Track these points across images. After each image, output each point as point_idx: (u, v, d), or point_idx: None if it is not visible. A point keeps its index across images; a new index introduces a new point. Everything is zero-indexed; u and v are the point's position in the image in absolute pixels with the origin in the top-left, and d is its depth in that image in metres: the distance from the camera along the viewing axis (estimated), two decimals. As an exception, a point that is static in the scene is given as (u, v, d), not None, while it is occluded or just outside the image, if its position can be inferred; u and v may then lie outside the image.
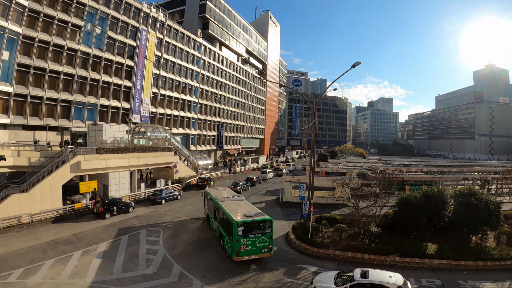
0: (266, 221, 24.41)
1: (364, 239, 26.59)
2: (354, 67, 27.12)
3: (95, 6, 52.72)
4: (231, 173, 79.53)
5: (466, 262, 23.17)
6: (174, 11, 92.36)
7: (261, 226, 24.28)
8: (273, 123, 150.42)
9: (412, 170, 65.63)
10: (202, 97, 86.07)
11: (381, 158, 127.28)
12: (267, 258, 24.62)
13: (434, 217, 26.41)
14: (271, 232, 24.27)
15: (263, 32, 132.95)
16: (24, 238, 27.95)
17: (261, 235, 23.97)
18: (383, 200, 29.21)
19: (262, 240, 23.92)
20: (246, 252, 23.47)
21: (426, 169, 67.72)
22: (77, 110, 52.27)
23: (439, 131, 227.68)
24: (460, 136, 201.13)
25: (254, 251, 23.69)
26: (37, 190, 33.02)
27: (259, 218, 24.55)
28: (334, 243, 26.62)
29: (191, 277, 21.34)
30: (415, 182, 49.44)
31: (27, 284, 19.67)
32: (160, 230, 31.42)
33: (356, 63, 26.82)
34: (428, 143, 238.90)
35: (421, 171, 64.80)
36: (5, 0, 40.88)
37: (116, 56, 58.01)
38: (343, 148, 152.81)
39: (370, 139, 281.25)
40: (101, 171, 41.17)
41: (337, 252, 25.14)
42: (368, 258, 24.09)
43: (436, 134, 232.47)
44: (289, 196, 45.66)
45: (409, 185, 48.29)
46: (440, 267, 23.10)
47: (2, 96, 42.43)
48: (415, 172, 61.85)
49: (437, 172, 63.47)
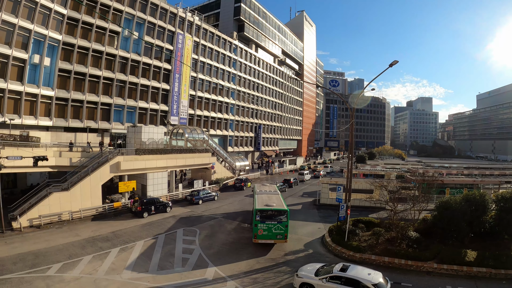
0: (282, 211, 26.85)
1: (402, 244, 25.04)
2: (392, 66, 25.82)
3: (132, 12, 54.06)
4: (268, 174, 78.71)
5: (507, 271, 21.44)
6: (209, 15, 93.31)
7: (278, 215, 26.76)
8: (310, 124, 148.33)
9: (453, 172, 63.54)
10: (239, 98, 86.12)
11: (420, 160, 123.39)
12: (301, 261, 24.04)
13: (475, 223, 24.85)
14: (286, 222, 26.55)
15: (298, 32, 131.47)
16: (64, 234, 28.61)
17: (277, 223, 26.49)
18: (422, 203, 27.81)
19: (278, 228, 26.45)
20: (262, 236, 26.41)
21: (467, 172, 65.52)
22: (116, 112, 53.72)
23: (481, 131, 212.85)
24: (503, 137, 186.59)
25: (270, 236, 26.45)
26: (77, 189, 33.84)
27: (276, 208, 27.16)
28: (371, 247, 25.42)
29: (226, 277, 21.09)
30: (455, 185, 47.51)
31: (65, 278, 20.01)
32: (197, 230, 31.21)
33: (394, 62, 25.59)
34: (469, 144, 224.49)
35: (462, 174, 62.63)
36: (45, 9, 42.80)
37: (153, 60, 59.11)
38: (381, 149, 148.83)
39: (409, 140, 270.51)
40: (140, 171, 41.66)
41: (373, 257, 24.10)
42: (405, 263, 22.99)
43: (477, 135, 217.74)
44: (326, 198, 44.67)
45: (449, 188, 46.47)
46: (478, 275, 21.57)
47: (45, 100, 44.25)
48: (455, 175, 59.72)
49: (479, 175, 61.06)
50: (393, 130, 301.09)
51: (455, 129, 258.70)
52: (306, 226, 33.90)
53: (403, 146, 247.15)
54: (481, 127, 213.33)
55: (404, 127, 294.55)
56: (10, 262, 21.92)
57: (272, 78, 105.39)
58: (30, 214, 30.51)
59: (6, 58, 39.27)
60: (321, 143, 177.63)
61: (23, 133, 37.47)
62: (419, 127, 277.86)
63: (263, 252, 25.75)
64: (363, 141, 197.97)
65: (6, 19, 38.38)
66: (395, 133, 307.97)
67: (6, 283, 19.01)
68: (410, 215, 27.28)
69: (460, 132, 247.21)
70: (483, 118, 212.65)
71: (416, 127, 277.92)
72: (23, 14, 40.34)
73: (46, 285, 18.96)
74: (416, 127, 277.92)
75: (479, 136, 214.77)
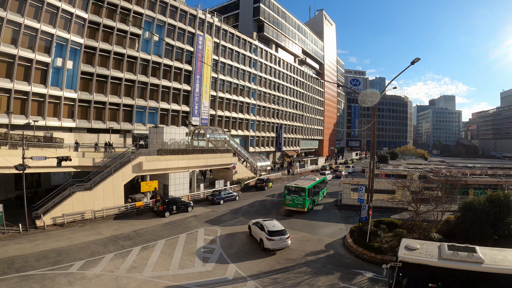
0: (301, 188, 37.92)
1: None
2: (413, 63, 24.48)
3: (152, 15, 54.59)
4: (290, 174, 77.78)
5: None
6: (229, 16, 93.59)
7: (299, 191, 37.92)
8: (331, 124, 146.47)
9: (476, 173, 61.43)
10: (260, 99, 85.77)
11: (443, 160, 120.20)
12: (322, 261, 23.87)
13: (498, 224, 23.67)
14: (305, 196, 37.48)
15: (318, 31, 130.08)
16: (86, 233, 28.84)
17: (298, 196, 37.89)
18: (445, 204, 27.11)
19: (298, 200, 37.79)
20: (288, 204, 38.33)
21: (491, 172, 62.77)
22: (138, 113, 54.29)
23: (505, 130, 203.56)
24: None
25: (293, 205, 38.11)
26: (100, 188, 34.14)
27: (297, 185, 38.64)
28: (392, 248, 24.37)
29: (246, 276, 20.80)
30: (479, 186, 46.51)
31: (86, 275, 20.08)
32: (218, 230, 30.97)
33: (415, 59, 24.22)
34: (494, 143, 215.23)
35: (486, 174, 60.08)
36: (67, 14, 43.71)
37: (174, 62, 59.48)
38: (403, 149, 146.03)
39: (432, 139, 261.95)
40: (162, 171, 41.71)
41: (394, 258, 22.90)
42: (426, 266, 21.84)
43: (501, 134, 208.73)
44: (347, 199, 43.83)
45: (472, 189, 45.23)
46: None
47: (68, 102, 45.14)
48: (479, 175, 57.57)
49: (503, 175, 58.52)
50: (415, 129, 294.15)
51: (478, 128, 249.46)
52: (327, 226, 33.19)
53: (425, 146, 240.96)
54: (505, 126, 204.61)
55: (426, 126, 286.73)
56: (33, 259, 22.16)
57: (293, 77, 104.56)
58: (54, 213, 31.00)
59: (30, 62, 40.29)
60: (343, 143, 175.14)
61: (47, 134, 38.18)
62: (442, 126, 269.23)
63: (283, 253, 25.24)
64: (385, 140, 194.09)
65: (28, 24, 39.40)
66: (418, 133, 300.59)
67: (29, 279, 19.16)
68: (433, 216, 26.78)
69: (484, 131, 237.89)
70: (507, 116, 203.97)
71: (439, 126, 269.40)
72: (45, 19, 41.36)
73: (68, 282, 18.99)
74: (439, 126, 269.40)
75: (503, 135, 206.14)
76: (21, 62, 39.47)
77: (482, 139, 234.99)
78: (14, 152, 30.20)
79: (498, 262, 15.08)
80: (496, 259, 15.38)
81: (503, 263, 14.98)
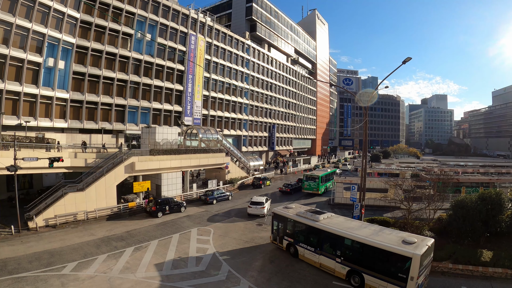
0: (316, 176, 50.50)
1: None
2: (405, 63, 25.23)
3: (144, 14, 54.49)
4: (283, 174, 78.20)
5: (524, 272, 21.17)
6: (221, 15, 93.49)
7: (314, 178, 50.42)
8: (324, 123, 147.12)
9: (468, 171, 62.98)
10: (252, 98, 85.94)
11: (435, 158, 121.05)
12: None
13: (490, 222, 24.34)
14: (318, 181, 49.70)
15: (311, 31, 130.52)
16: (79, 234, 28.81)
17: (313, 182, 50.34)
18: (437, 202, 27.77)
19: (314, 185, 50.17)
20: (306, 188, 50.78)
21: (483, 170, 64.49)
22: (131, 113, 54.18)
23: (497, 128, 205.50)
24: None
25: (310, 188, 50.37)
26: (92, 189, 34.06)
27: (314, 174, 51.56)
28: None
29: (239, 276, 21.02)
30: (471, 184, 47.22)
31: (79, 277, 20.12)
32: (211, 230, 31.09)
33: (407, 58, 25.01)
34: (485, 142, 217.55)
35: (478, 172, 61.51)
36: (58, 14, 43.47)
37: (167, 61, 59.44)
38: (396, 148, 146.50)
39: (424, 138, 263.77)
40: (154, 171, 41.69)
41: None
42: (418, 263, 22.73)
43: (493, 132, 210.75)
44: (340, 198, 44.44)
45: (465, 187, 46.25)
46: (494, 275, 21.16)
47: (60, 102, 44.97)
48: (471, 173, 58.94)
49: (495, 173, 60.08)
50: (408, 128, 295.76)
51: (470, 126, 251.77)
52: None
53: (418, 145, 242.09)
54: (497, 125, 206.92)
55: (419, 125, 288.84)
56: (26, 261, 22.12)
57: (286, 77, 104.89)
58: (46, 214, 30.88)
59: (21, 62, 40.08)
60: (336, 142, 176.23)
61: (39, 135, 37.99)
62: (434, 125, 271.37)
63: (276, 252, 25.49)
64: (377, 139, 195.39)
65: (20, 24, 39.18)
66: (410, 132, 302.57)
67: (22, 281, 19.15)
68: (425, 215, 27.32)
69: (476, 130, 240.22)
70: (499, 115, 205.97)
71: (431, 125, 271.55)
72: (37, 19, 41.17)
73: (61, 283, 19.02)
74: (431, 125, 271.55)
75: (495, 134, 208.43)
76: (12, 62, 39.23)
77: (474, 138, 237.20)
78: (6, 153, 29.96)
79: (327, 224, 22.22)
80: (331, 222, 22.67)
81: (330, 225, 21.98)
